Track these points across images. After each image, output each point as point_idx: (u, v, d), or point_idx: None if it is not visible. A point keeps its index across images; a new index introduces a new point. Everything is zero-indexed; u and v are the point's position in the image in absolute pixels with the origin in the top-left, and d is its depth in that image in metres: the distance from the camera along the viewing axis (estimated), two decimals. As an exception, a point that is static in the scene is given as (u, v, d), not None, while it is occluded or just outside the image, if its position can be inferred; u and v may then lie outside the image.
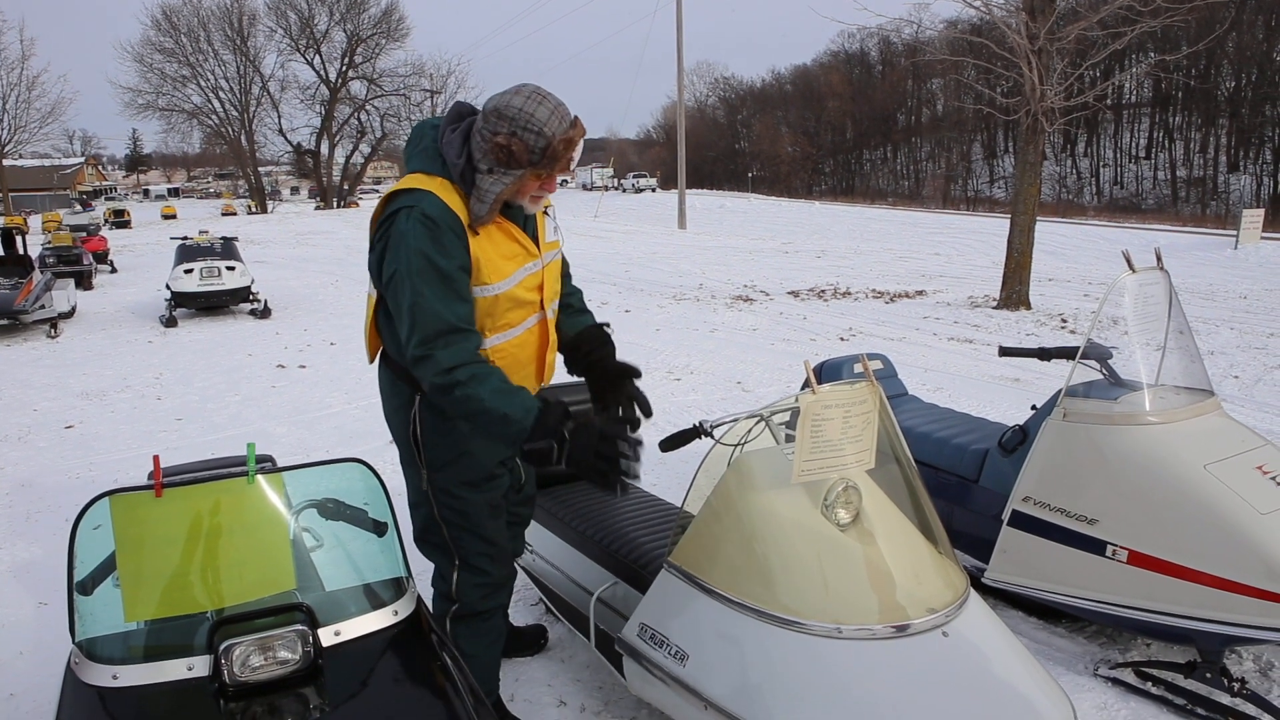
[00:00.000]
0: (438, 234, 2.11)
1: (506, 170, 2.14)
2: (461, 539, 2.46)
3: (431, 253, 2.10)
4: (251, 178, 49.34)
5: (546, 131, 2.10)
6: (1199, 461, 2.93)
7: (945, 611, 2.19)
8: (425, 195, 2.14)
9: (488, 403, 2.07)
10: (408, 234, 2.10)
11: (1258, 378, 7.44)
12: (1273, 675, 3.06)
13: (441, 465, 2.38)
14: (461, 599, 2.51)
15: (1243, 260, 17.26)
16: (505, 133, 2.11)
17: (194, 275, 11.30)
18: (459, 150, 2.18)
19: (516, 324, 2.32)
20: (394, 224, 2.15)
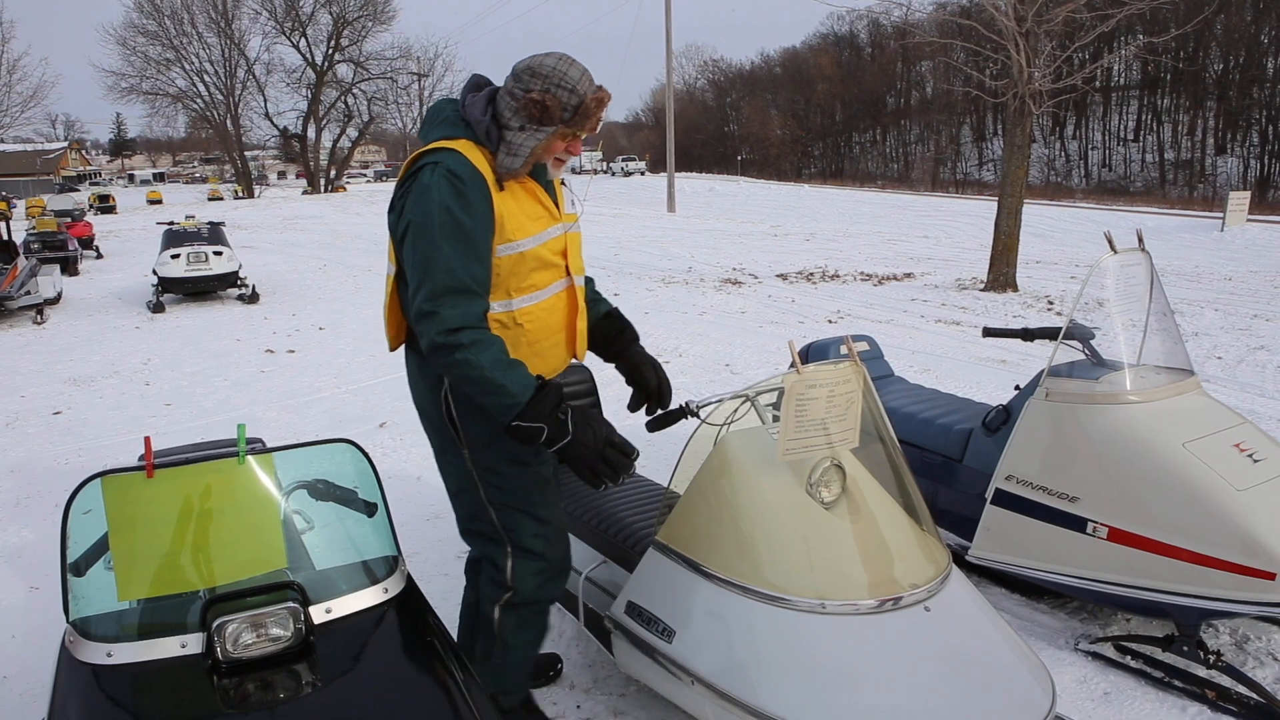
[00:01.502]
0: (462, 189, 2.09)
1: (539, 126, 2.16)
2: (512, 520, 2.37)
3: (455, 207, 2.08)
4: (238, 162, 48.96)
5: (579, 89, 2.14)
6: (1178, 440, 2.98)
7: (928, 587, 2.23)
8: (451, 153, 2.13)
9: (487, 370, 2.06)
10: (431, 187, 2.09)
11: (1240, 358, 7.52)
12: (1248, 648, 3.13)
13: (485, 443, 2.31)
14: (518, 586, 2.41)
15: (1229, 242, 17.37)
16: (539, 89, 2.13)
17: (181, 260, 11.25)
18: (483, 109, 2.19)
19: (543, 286, 2.29)
20: (417, 178, 2.13)
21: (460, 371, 2.09)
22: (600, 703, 2.86)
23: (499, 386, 2.07)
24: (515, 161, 2.18)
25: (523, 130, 2.17)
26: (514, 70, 2.20)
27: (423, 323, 2.09)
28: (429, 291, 2.08)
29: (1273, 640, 3.16)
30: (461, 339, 2.06)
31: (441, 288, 2.07)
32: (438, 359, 2.11)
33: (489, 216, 2.14)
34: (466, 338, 2.07)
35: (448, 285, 2.08)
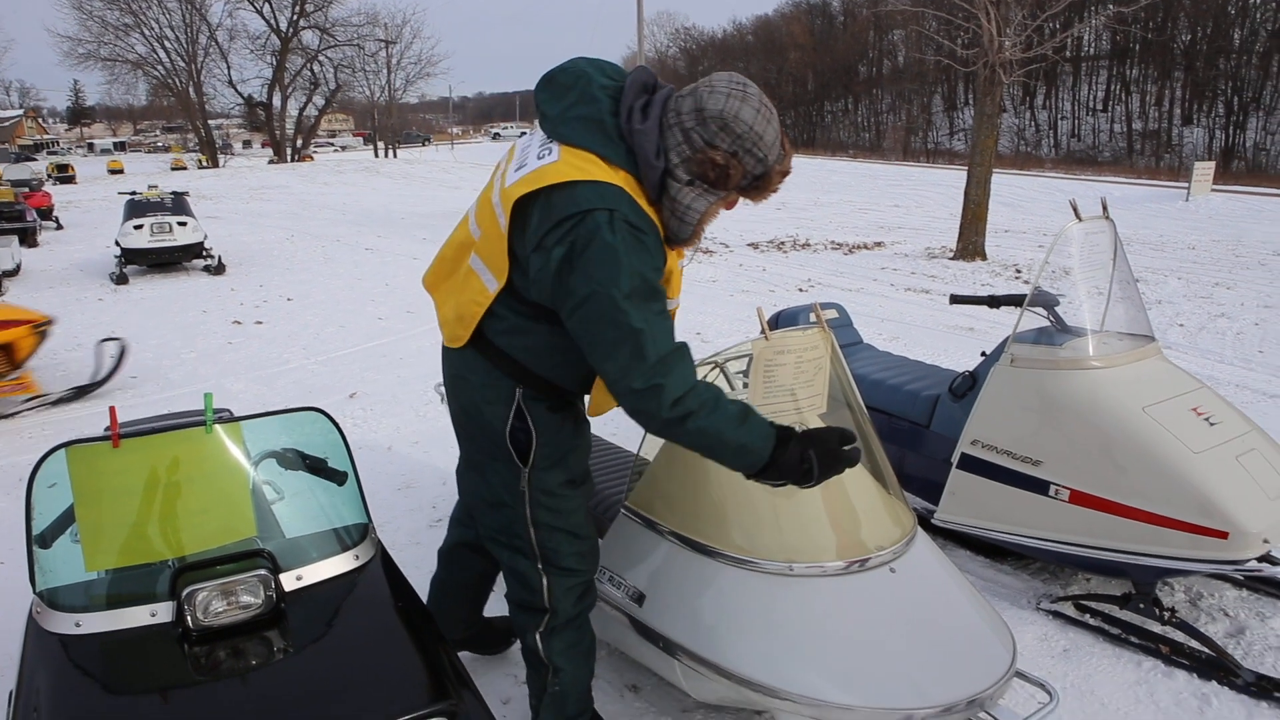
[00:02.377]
0: (647, 244, 1.83)
1: (710, 189, 1.89)
2: (553, 540, 2.19)
3: (647, 271, 1.81)
4: (201, 131, 47.96)
5: (769, 159, 1.87)
6: (1138, 404, 3.04)
7: (893, 549, 2.28)
8: (620, 195, 1.82)
9: (727, 434, 1.87)
10: (619, 248, 1.78)
11: (1201, 326, 7.66)
12: (1201, 605, 3.22)
13: (550, 464, 2.14)
14: (557, 607, 2.24)
15: (1193, 212, 17.59)
16: (725, 150, 1.84)
17: (144, 231, 11.04)
18: (657, 148, 1.86)
19: None
20: (589, 229, 1.78)
21: (698, 441, 1.90)
22: (572, 667, 2.89)
23: (742, 446, 1.89)
24: (685, 230, 1.91)
25: (691, 187, 1.88)
26: (698, 106, 1.84)
27: (642, 399, 1.84)
28: (649, 366, 1.81)
29: (1224, 597, 3.26)
30: (690, 405, 1.84)
31: (656, 359, 1.82)
32: (669, 433, 1.93)
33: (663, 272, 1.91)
34: (693, 402, 1.85)
35: (661, 355, 1.83)
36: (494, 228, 1.96)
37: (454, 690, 1.72)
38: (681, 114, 1.86)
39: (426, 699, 1.66)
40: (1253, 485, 2.89)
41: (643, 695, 2.73)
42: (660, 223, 1.90)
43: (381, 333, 7.82)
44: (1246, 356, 6.65)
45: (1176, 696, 2.72)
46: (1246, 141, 48.65)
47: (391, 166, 36.23)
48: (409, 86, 55.78)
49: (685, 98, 1.87)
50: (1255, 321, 7.77)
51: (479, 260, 2.03)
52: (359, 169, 33.03)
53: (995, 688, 2.09)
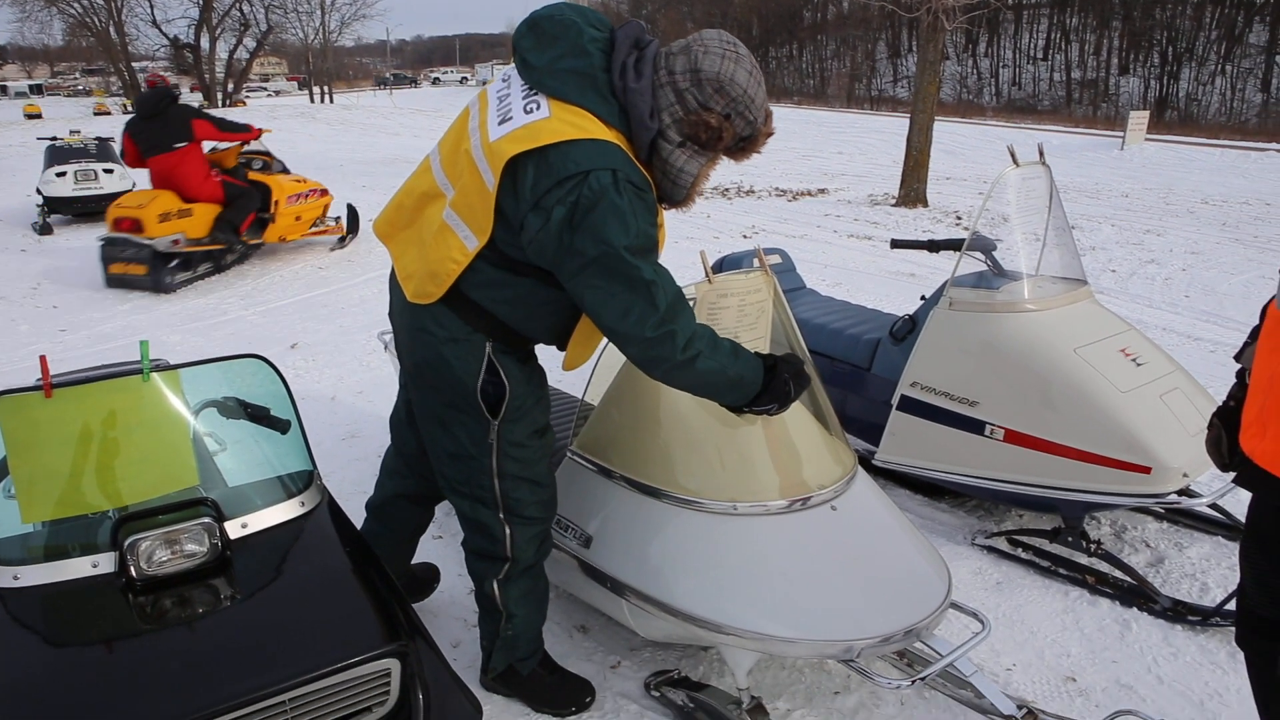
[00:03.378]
0: (649, 202, 1.85)
1: (702, 149, 1.91)
2: (517, 490, 2.23)
3: (649, 227, 1.85)
4: (124, 74, 45.89)
5: (758, 122, 1.91)
6: (1070, 346, 3.14)
7: (834, 487, 2.33)
8: (620, 155, 1.83)
9: (729, 370, 1.95)
10: (625, 211, 1.79)
11: (1132, 271, 7.88)
12: (1125, 537, 3.37)
13: (520, 415, 2.16)
14: (518, 556, 2.28)
15: (1128, 160, 17.99)
16: (719, 112, 1.86)
17: (68, 179, 10.59)
18: (650, 108, 1.86)
19: None
20: (597, 192, 1.78)
21: (701, 380, 1.96)
22: (522, 609, 2.93)
23: (738, 380, 1.98)
24: (678, 192, 1.95)
25: (682, 149, 1.90)
26: (693, 66, 1.85)
27: (657, 348, 1.89)
28: (657, 320, 1.86)
29: (1147, 529, 3.41)
30: (699, 347, 1.91)
31: (667, 309, 1.86)
32: (677, 375, 1.96)
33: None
34: (701, 344, 1.92)
35: (670, 303, 1.88)
36: (476, 183, 1.91)
37: (404, 633, 1.74)
38: (675, 73, 1.85)
39: (377, 642, 1.68)
40: (1175, 423, 3.02)
41: (591, 635, 2.78)
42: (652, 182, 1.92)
43: (322, 282, 7.67)
44: (1173, 301, 6.88)
45: (1100, 623, 2.86)
46: (1180, 92, 49.67)
47: (328, 112, 35.20)
48: (344, 29, 53.92)
49: (677, 56, 1.87)
50: (1182, 268, 8.03)
51: (456, 217, 1.97)
52: (294, 114, 32.00)
53: (931, 618, 2.17)
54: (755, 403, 2.06)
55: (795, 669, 2.60)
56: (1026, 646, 2.74)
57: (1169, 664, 2.65)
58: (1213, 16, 49.88)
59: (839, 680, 2.56)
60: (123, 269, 7.29)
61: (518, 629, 2.39)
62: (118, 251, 7.26)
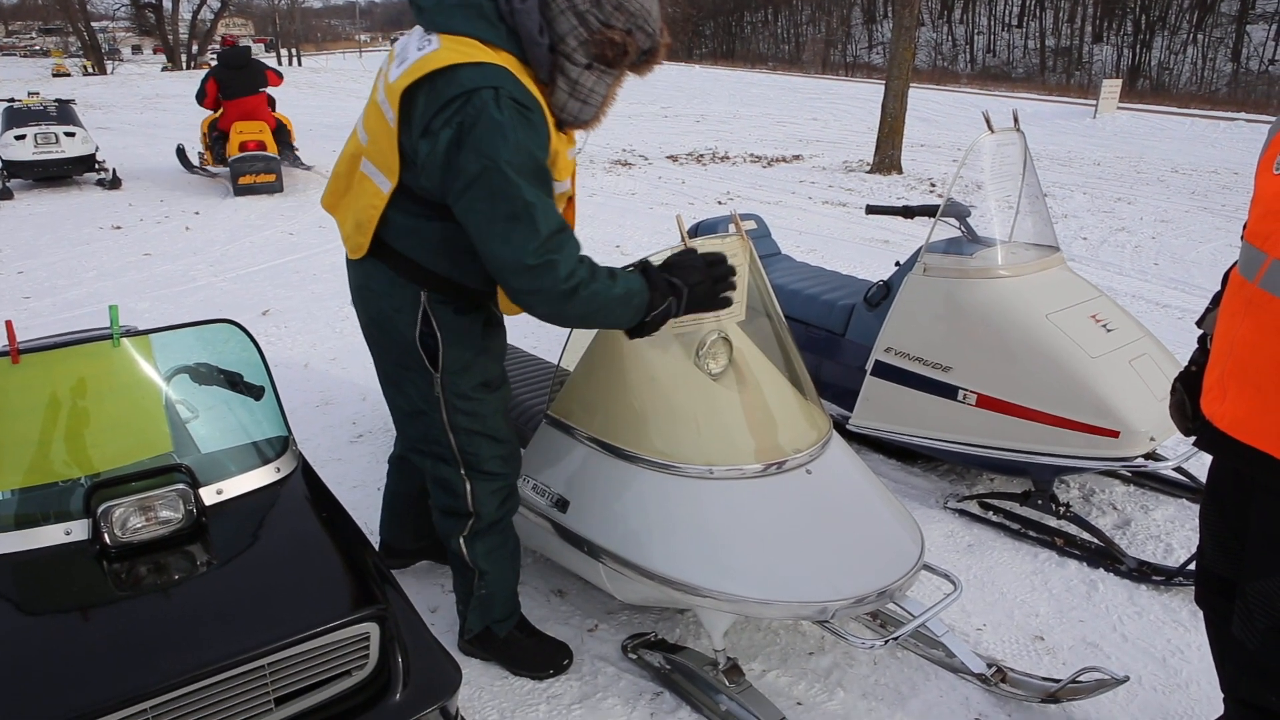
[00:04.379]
0: (534, 122, 1.85)
1: (608, 69, 1.93)
2: (474, 444, 2.24)
3: (534, 146, 1.85)
4: (84, 34, 44.71)
5: (656, 34, 1.93)
6: (1042, 311, 3.18)
7: (809, 451, 2.35)
8: (503, 71, 1.84)
9: (613, 289, 1.94)
10: (506, 125, 1.80)
11: (1103, 239, 7.96)
12: (1093, 500, 3.44)
13: (462, 368, 2.17)
14: (480, 511, 2.31)
15: (1100, 129, 18.08)
16: (621, 28, 1.88)
17: (27, 142, 10.31)
18: (539, 26, 1.89)
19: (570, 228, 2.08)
20: (479, 108, 1.80)
21: (590, 306, 1.94)
22: (499, 575, 2.95)
23: (626, 295, 1.97)
24: (587, 111, 1.96)
25: (590, 70, 1.92)
26: None
27: (532, 278, 1.88)
28: (536, 245, 1.85)
29: (1114, 492, 3.48)
30: (581, 275, 1.91)
31: (547, 234, 1.86)
32: (560, 308, 1.94)
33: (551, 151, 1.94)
34: (584, 272, 1.92)
35: (552, 229, 1.87)
36: (382, 126, 1.96)
37: (382, 597, 1.74)
38: (583, 3, 1.89)
39: (355, 606, 1.68)
40: (1143, 387, 3.07)
41: (569, 599, 2.80)
42: (551, 105, 1.94)
43: (292, 248, 7.57)
44: (1143, 268, 6.97)
45: (1068, 583, 2.92)
46: (1152, 60, 49.88)
47: (296, 75, 34.52)
48: (312, -11, 52.76)
49: None
50: (1152, 235, 8.12)
51: (369, 164, 2.03)
52: (261, 77, 31.38)
53: (904, 580, 2.20)
54: (651, 310, 2.01)
55: (770, 630, 2.64)
56: (996, 607, 2.80)
57: (1133, 622, 2.72)
58: (1185, -15, 50.04)
59: (813, 641, 2.60)
60: (252, 179, 9.69)
61: (491, 587, 2.42)
62: (247, 166, 9.61)
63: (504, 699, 2.39)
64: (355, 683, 1.68)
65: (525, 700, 2.39)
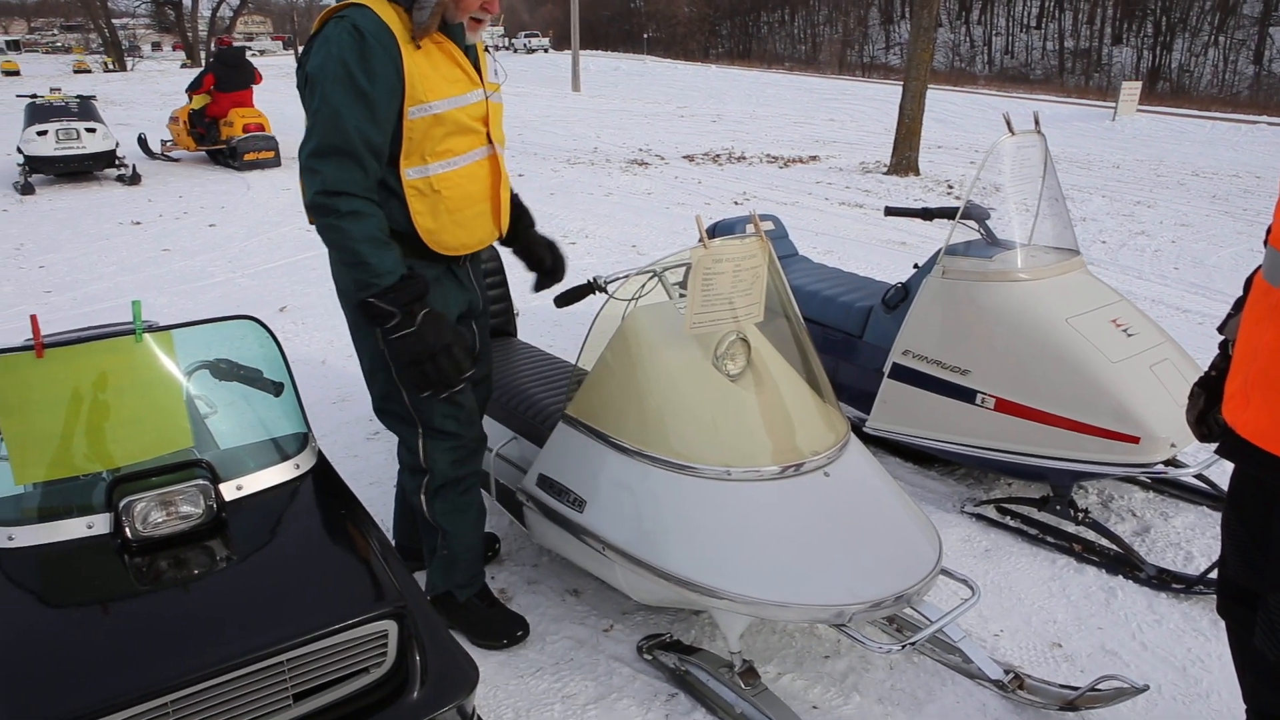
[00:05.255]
0: (365, 48, 2.02)
1: None
2: (423, 404, 2.34)
3: (353, 65, 2.01)
4: (105, 31, 45.05)
5: None
6: (1061, 315, 3.15)
7: (827, 454, 2.34)
8: (359, 9, 2.05)
9: (356, 243, 2.05)
10: (332, 40, 2.02)
11: (1122, 243, 7.90)
12: (1111, 506, 3.41)
13: None
14: (432, 468, 2.42)
15: (1119, 131, 17.95)
16: None
17: (49, 138, 10.40)
18: None
19: (461, 152, 2.22)
20: (322, 33, 2.07)
21: (331, 237, 2.09)
22: (514, 573, 2.95)
23: (363, 262, 2.06)
24: (422, 15, 2.08)
25: None
26: None
27: (305, 177, 2.08)
28: (315, 147, 2.04)
29: (1133, 498, 3.45)
30: (339, 205, 2.05)
31: (327, 145, 2.03)
32: (314, 218, 2.10)
33: (394, 80, 2.06)
34: (344, 205, 2.05)
35: (334, 144, 2.03)
36: None
37: (401, 595, 1.74)
38: None
39: (375, 604, 1.68)
40: (1164, 393, 3.04)
41: (584, 599, 2.80)
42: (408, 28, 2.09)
43: (309, 245, 7.60)
44: (1163, 273, 6.91)
45: (1086, 590, 2.89)
46: (1172, 63, 49.48)
47: (314, 72, 34.60)
48: (330, -13, 53.05)
49: None
50: (1172, 240, 8.05)
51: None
52: (279, 74, 31.49)
53: (921, 584, 2.19)
54: (379, 299, 2.07)
55: (786, 633, 2.63)
56: (1014, 613, 2.78)
57: (1153, 631, 2.69)
58: (1207, -13, 49.60)
59: (829, 645, 2.59)
60: (255, 155, 11.41)
61: (452, 549, 2.52)
62: (251, 144, 11.35)
63: (519, 698, 2.39)
64: (373, 680, 1.68)
65: (540, 700, 2.39)
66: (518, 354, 3.29)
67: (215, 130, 11.77)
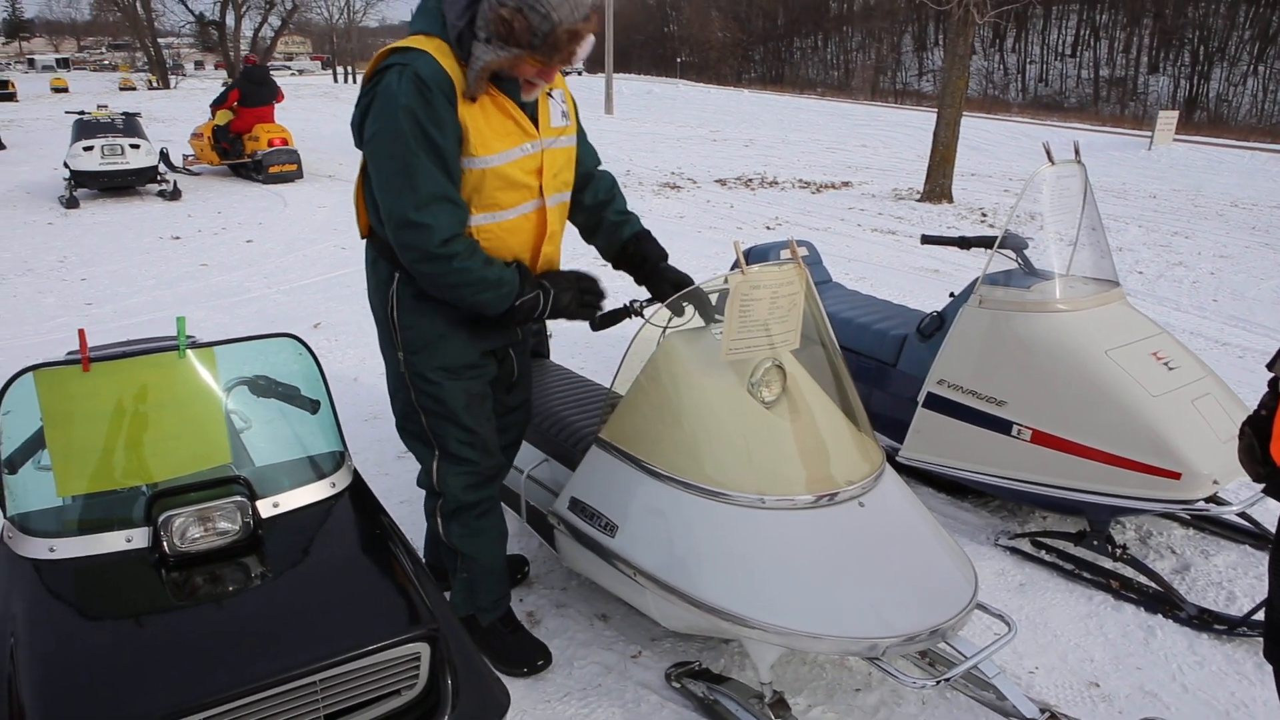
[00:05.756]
0: (429, 96, 2.01)
1: (503, 45, 2.01)
2: (439, 427, 2.37)
3: (423, 117, 2.01)
4: (150, 50, 46.10)
5: (554, 16, 1.97)
6: (1101, 347, 3.11)
7: (862, 484, 2.32)
8: (420, 55, 2.03)
9: (481, 271, 2.10)
10: (398, 93, 2.00)
11: (1160, 273, 7.80)
12: (1150, 542, 3.34)
13: (418, 349, 2.29)
14: (445, 491, 2.43)
15: (1155, 161, 17.77)
16: (511, 6, 1.97)
17: (95, 153, 10.65)
18: (461, 11, 2.05)
19: (507, 206, 2.21)
20: (383, 80, 2.05)
21: (457, 279, 2.09)
22: (544, 596, 2.94)
23: (497, 280, 2.14)
24: (471, 76, 2.05)
25: (487, 44, 2.02)
26: None
27: (411, 234, 2.05)
28: (415, 202, 2.02)
29: (1173, 535, 3.38)
30: (457, 248, 2.06)
31: (427, 196, 2.03)
32: (430, 269, 2.09)
33: (456, 128, 2.06)
34: (460, 245, 2.07)
35: (434, 194, 2.03)
36: None
37: (434, 617, 1.74)
38: None
39: (408, 626, 1.68)
40: (1206, 428, 2.98)
41: (612, 624, 2.79)
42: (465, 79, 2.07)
43: (344, 262, 7.70)
44: (1201, 305, 6.80)
45: (1124, 629, 2.83)
46: (1210, 92, 49.03)
47: (351, 92, 35.22)
48: (369, 9, 54.01)
49: None
50: (1211, 271, 7.93)
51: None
52: (317, 94, 32.10)
53: (957, 619, 2.15)
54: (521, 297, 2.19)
55: (816, 664, 2.60)
56: (1050, 650, 2.72)
57: (1194, 673, 2.63)
58: (1246, 16, 49.18)
59: (860, 677, 2.56)
60: (280, 168, 12.00)
61: (471, 572, 2.52)
62: (276, 157, 11.96)
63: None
64: (404, 702, 1.68)
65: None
66: (550, 376, 3.29)
67: (240, 145, 12.33)
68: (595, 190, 2.54)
